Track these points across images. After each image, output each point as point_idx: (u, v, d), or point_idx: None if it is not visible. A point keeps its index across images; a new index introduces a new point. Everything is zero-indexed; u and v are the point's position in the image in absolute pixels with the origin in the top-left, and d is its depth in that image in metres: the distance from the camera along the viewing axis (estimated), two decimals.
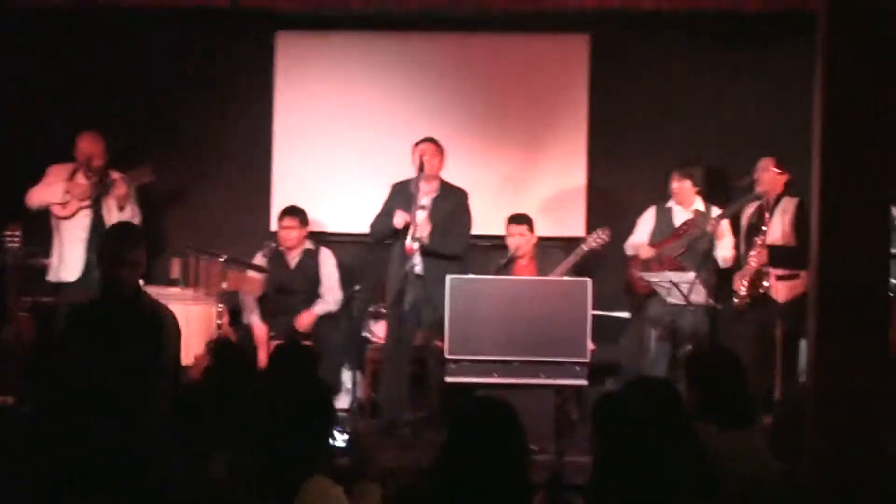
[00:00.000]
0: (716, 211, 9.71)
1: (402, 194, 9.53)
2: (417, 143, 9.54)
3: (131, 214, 9.82)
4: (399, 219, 9.35)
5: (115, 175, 9.76)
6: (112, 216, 9.68)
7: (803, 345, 8.67)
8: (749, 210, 9.48)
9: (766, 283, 9.19)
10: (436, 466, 4.19)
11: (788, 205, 9.24)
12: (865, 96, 5.02)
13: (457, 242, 9.53)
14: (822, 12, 5.11)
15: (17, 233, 9.62)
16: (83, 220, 9.72)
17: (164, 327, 6.33)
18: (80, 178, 9.74)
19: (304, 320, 9.92)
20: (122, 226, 7.78)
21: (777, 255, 9.11)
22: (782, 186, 9.31)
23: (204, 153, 11.11)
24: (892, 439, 5.02)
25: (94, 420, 4.56)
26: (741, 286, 9.24)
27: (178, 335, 6.43)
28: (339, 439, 7.85)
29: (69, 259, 9.70)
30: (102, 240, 6.90)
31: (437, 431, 8.55)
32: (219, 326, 9.47)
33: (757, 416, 6.59)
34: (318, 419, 4.78)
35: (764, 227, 9.20)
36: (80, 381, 4.96)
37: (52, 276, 9.79)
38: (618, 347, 9.81)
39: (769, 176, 9.30)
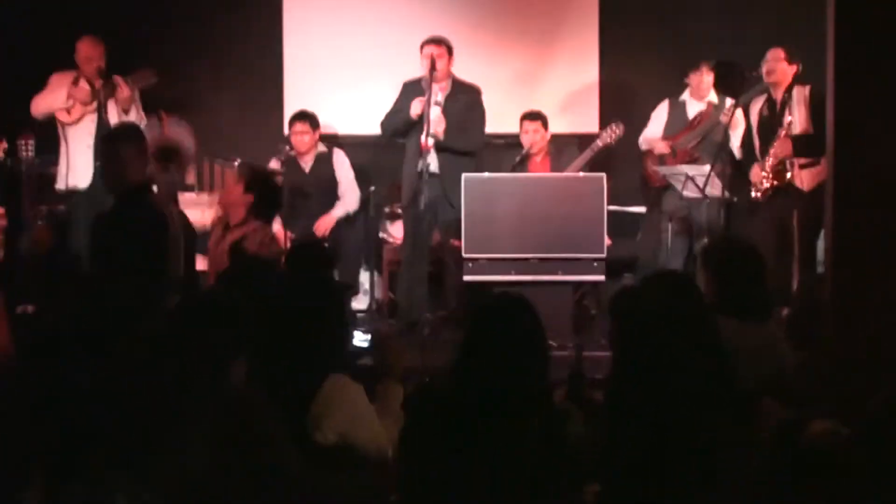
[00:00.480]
0: (729, 102, 9.65)
1: (414, 92, 9.47)
2: (424, 44, 9.45)
3: (137, 118, 9.71)
4: (415, 107, 9.28)
5: (118, 78, 9.67)
6: (115, 120, 9.57)
7: (822, 236, 8.67)
8: (758, 103, 9.41)
9: (788, 175, 9.14)
10: (455, 365, 4.20)
11: (801, 94, 9.16)
12: None
13: (472, 138, 9.48)
14: None
15: (30, 141, 9.57)
16: (89, 126, 9.62)
17: (168, 232, 6.35)
18: (83, 84, 9.68)
19: (323, 224, 9.93)
20: (117, 126, 7.86)
21: (801, 145, 9.05)
22: (791, 77, 9.23)
23: (214, 58, 11.06)
24: None
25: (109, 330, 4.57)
26: (761, 178, 9.19)
27: (184, 239, 6.44)
28: (362, 339, 7.92)
29: (77, 165, 9.60)
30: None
31: (455, 330, 8.57)
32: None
33: (775, 307, 6.63)
34: (333, 319, 4.80)
35: (790, 118, 9.12)
36: (98, 291, 4.98)
37: (60, 184, 9.70)
38: (634, 242, 9.81)
39: (780, 66, 9.22)
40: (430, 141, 9.17)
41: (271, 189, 8.00)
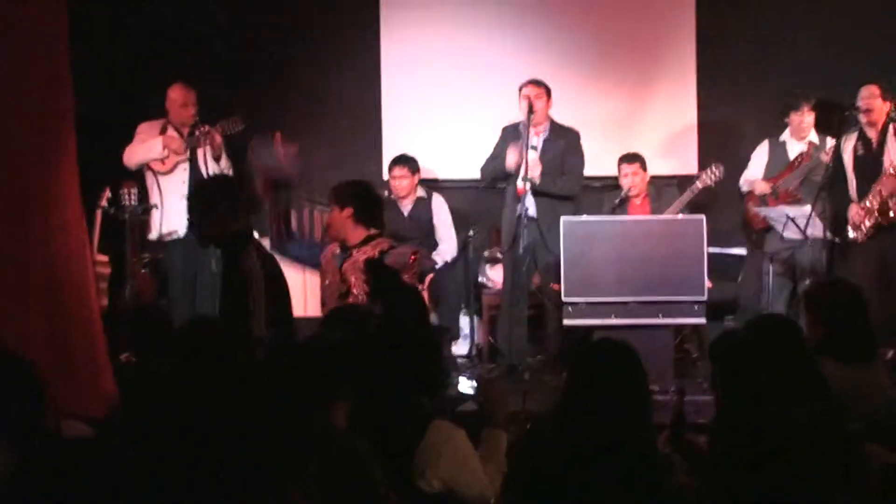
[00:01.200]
0: (830, 142, 9.57)
1: (513, 137, 9.52)
2: (523, 86, 9.49)
3: (226, 165, 9.84)
4: (511, 157, 9.33)
5: (206, 127, 9.74)
6: (208, 168, 9.67)
7: None
8: (851, 141, 9.34)
9: (891, 214, 9.06)
10: (558, 410, 4.20)
11: None
12: None
13: (569, 182, 9.51)
14: None
15: (132, 189, 9.66)
16: (182, 175, 9.72)
17: (246, 281, 6.36)
18: (172, 132, 9.80)
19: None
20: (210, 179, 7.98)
21: None
22: (885, 115, 9.17)
23: (314, 105, 11.12)
24: None
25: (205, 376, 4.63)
26: (862, 218, 9.11)
27: (272, 287, 6.45)
28: (467, 385, 7.90)
29: (172, 214, 9.66)
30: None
31: (556, 375, 8.56)
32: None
33: (880, 349, 6.55)
34: (431, 363, 4.81)
35: (862, 151, 9.07)
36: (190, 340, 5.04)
37: (154, 233, 9.80)
38: (736, 284, 9.74)
39: (876, 103, 9.16)
40: (527, 185, 9.19)
41: (363, 190, 7.68)
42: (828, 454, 4.33)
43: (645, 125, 10.82)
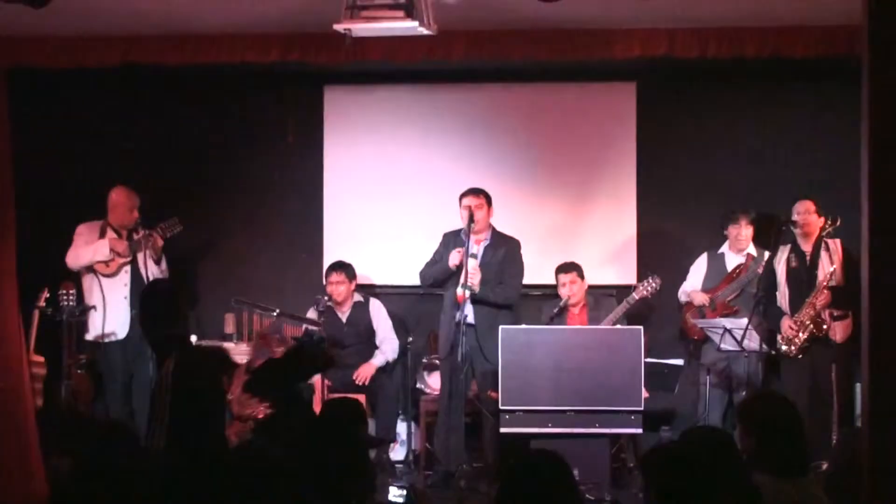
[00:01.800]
0: (767, 255, 9.68)
1: (454, 243, 9.57)
2: (463, 195, 9.56)
3: (165, 268, 9.99)
4: (453, 258, 9.37)
5: (147, 231, 9.81)
6: (148, 271, 9.71)
7: (859, 387, 8.62)
8: (784, 254, 9.47)
9: (824, 326, 9.15)
10: None
11: (833, 246, 9.23)
12: None
13: (508, 291, 9.55)
14: (866, 58, 5.11)
15: (71, 291, 9.67)
16: (124, 277, 9.78)
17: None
18: (113, 234, 9.82)
19: (363, 373, 9.97)
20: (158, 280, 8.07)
21: (839, 296, 9.09)
22: (819, 229, 9.31)
23: (256, 209, 11.17)
24: None
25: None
26: (795, 332, 9.20)
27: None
28: (396, 494, 7.86)
29: (113, 316, 9.71)
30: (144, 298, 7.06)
31: (492, 483, 8.53)
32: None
33: (813, 463, 6.56)
34: (360, 473, 4.79)
35: (833, 268, 9.18)
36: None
37: (92, 334, 9.81)
38: (672, 395, 9.75)
39: (811, 219, 9.31)
40: (466, 293, 9.22)
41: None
42: None
43: (585, 235, 10.88)
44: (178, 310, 6.75)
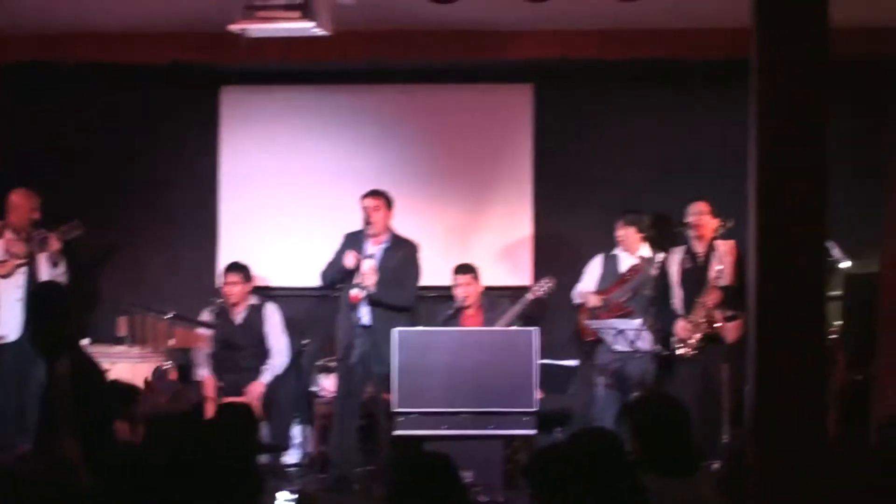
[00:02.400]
0: (661, 256, 9.75)
1: (354, 243, 9.53)
2: (363, 197, 9.54)
3: (63, 270, 9.85)
4: (349, 258, 9.34)
5: (44, 232, 9.74)
6: (45, 273, 9.65)
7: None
8: (677, 256, 9.54)
9: (717, 325, 9.24)
10: None
11: (726, 247, 9.32)
12: (799, 139, 5.08)
13: (404, 293, 9.53)
14: (754, 60, 5.17)
15: None
16: (19, 279, 9.67)
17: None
18: (10, 235, 9.70)
19: (254, 392, 9.80)
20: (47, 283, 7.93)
21: (730, 296, 9.19)
22: (713, 231, 9.39)
23: (150, 210, 11.08)
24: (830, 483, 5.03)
25: None
26: (689, 332, 9.28)
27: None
28: (287, 499, 7.82)
29: (6, 318, 9.59)
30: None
31: (386, 485, 8.50)
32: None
33: (702, 463, 6.61)
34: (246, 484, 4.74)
35: (720, 268, 9.26)
36: None
37: None
38: (567, 396, 9.79)
39: (704, 220, 9.39)
40: (362, 293, 9.20)
41: None
42: None
43: (481, 237, 10.91)
44: (66, 312, 6.63)
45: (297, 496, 6.90)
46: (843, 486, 5.01)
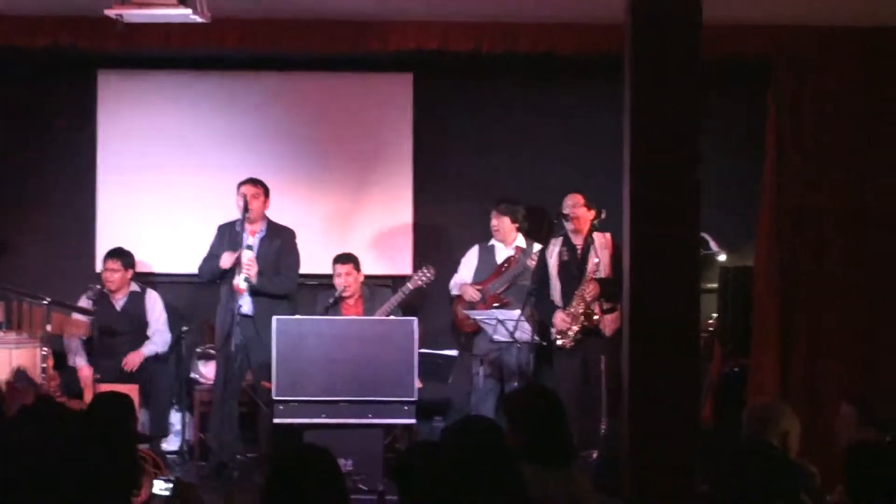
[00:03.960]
0: (537, 247, 9.84)
1: (229, 234, 9.53)
2: (240, 185, 9.51)
3: None
4: (226, 260, 9.34)
5: None
6: None
7: None
8: (555, 247, 9.60)
9: (595, 317, 9.32)
10: None
11: (603, 240, 9.41)
12: (672, 134, 5.17)
13: (285, 281, 9.57)
14: (628, 55, 5.25)
15: None
16: None
17: None
18: None
19: (132, 361, 9.82)
20: None
21: (607, 288, 9.29)
22: (589, 223, 9.46)
23: (25, 196, 10.93)
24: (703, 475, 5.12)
25: None
26: (567, 324, 9.35)
27: None
28: (163, 489, 7.79)
29: None
30: None
31: (264, 477, 8.49)
32: (43, 370, 9.26)
33: (579, 453, 6.69)
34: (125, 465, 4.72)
35: (596, 260, 9.34)
36: None
37: None
38: (446, 385, 9.84)
39: (580, 212, 9.46)
40: (244, 284, 9.20)
41: None
42: None
43: (361, 226, 10.90)
44: None
45: (173, 484, 6.86)
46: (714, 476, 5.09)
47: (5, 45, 9.30)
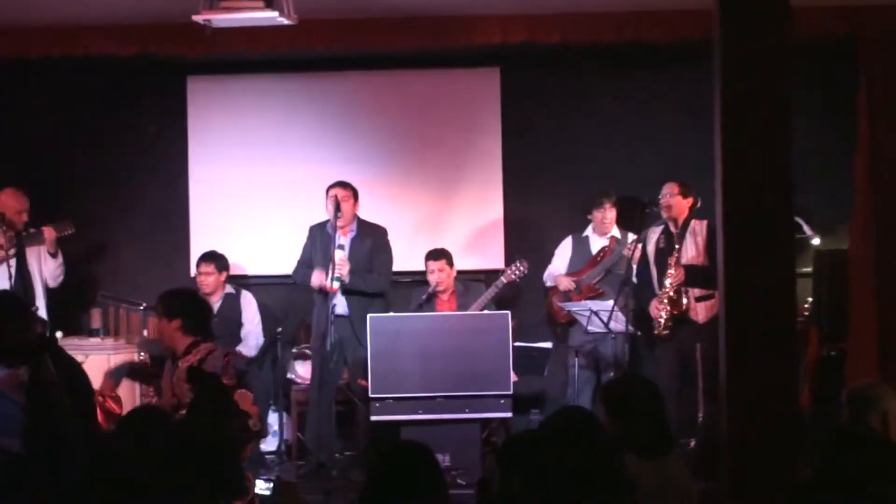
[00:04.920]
0: (631, 237, 9.78)
1: (320, 235, 9.57)
2: (330, 188, 9.55)
3: (61, 262, 9.97)
4: (316, 277, 9.38)
5: (44, 229, 9.81)
6: (36, 266, 9.79)
7: None
8: (654, 236, 9.54)
9: (684, 302, 9.27)
10: None
11: (698, 227, 9.35)
12: (764, 117, 5.13)
13: (379, 279, 9.59)
14: (719, 40, 5.22)
15: None
16: (6, 271, 9.63)
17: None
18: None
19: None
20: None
21: (693, 275, 9.23)
22: (688, 210, 9.40)
23: (119, 203, 11.06)
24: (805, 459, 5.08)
25: None
26: (659, 312, 9.31)
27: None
28: (263, 488, 7.85)
29: None
30: None
31: (364, 471, 8.54)
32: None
33: (677, 442, 6.65)
34: (229, 471, 4.74)
35: (676, 246, 9.29)
36: None
37: None
38: (542, 378, 9.83)
39: (676, 201, 9.39)
40: (336, 284, 9.24)
41: (191, 300, 7.62)
42: None
43: (453, 221, 10.92)
44: (25, 320, 6.46)
45: (273, 483, 6.91)
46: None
47: (97, 55, 9.42)
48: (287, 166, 10.96)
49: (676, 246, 9.32)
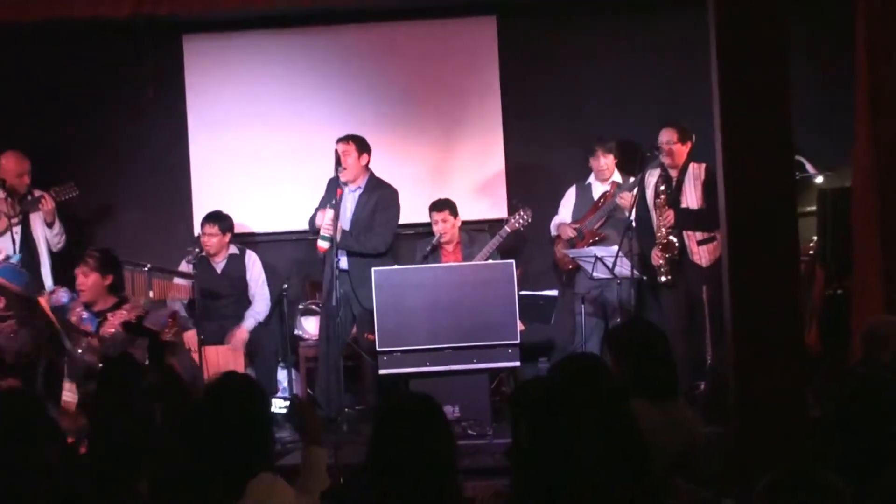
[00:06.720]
0: (632, 181, 9.74)
1: (334, 188, 9.50)
2: (337, 142, 9.52)
3: (59, 230, 9.99)
4: (318, 218, 9.35)
5: (38, 192, 9.81)
6: (39, 232, 9.79)
7: None
8: (653, 179, 9.50)
9: (676, 244, 9.24)
10: (365, 467, 4.20)
11: (697, 171, 9.30)
12: (760, 56, 5.10)
13: (375, 239, 9.52)
14: None
15: None
16: (10, 238, 9.67)
17: None
18: (1, 194, 9.71)
19: (238, 339, 9.83)
20: None
21: (683, 217, 9.20)
22: (686, 154, 9.37)
23: (120, 165, 11.03)
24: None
25: None
26: (658, 260, 9.30)
27: None
28: (280, 406, 7.93)
29: None
30: None
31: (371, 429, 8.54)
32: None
33: (685, 385, 6.64)
34: (258, 418, 4.73)
35: (662, 188, 9.26)
36: None
37: None
38: (549, 326, 9.83)
39: (676, 147, 9.35)
40: (325, 243, 9.17)
41: (118, 263, 8.52)
42: (632, 490, 4.38)
43: (455, 172, 10.89)
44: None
45: (290, 401, 6.91)
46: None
47: (91, 17, 9.36)
48: (286, 122, 10.93)
49: (661, 187, 9.29)
